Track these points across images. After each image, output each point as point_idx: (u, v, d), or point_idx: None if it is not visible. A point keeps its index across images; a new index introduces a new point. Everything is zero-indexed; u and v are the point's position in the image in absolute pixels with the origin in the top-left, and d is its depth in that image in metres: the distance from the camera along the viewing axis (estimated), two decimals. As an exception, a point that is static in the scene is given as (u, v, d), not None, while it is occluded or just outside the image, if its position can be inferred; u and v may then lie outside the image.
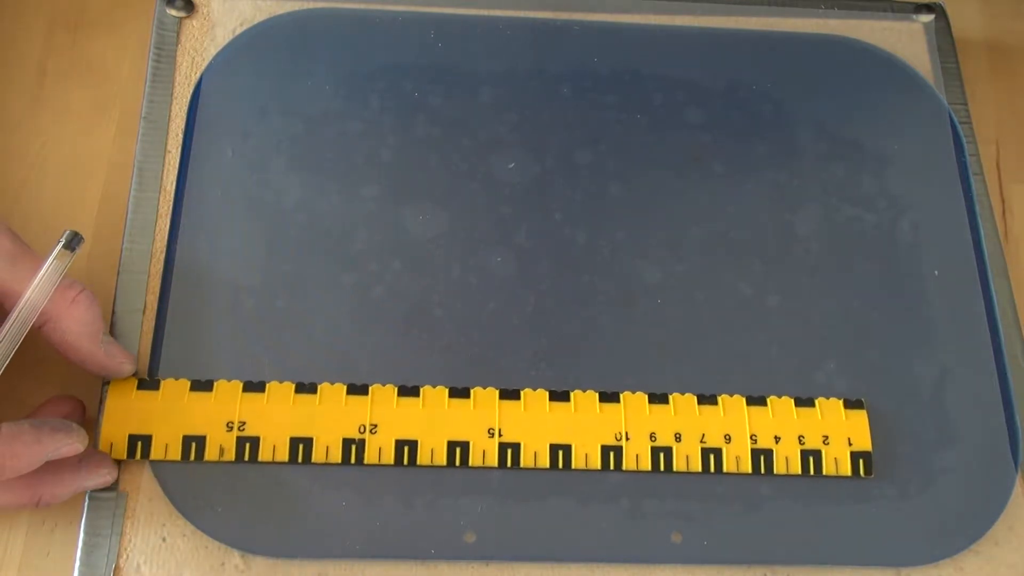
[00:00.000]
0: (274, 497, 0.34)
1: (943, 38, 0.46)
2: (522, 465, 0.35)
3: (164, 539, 0.34)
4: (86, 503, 0.34)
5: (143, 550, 0.34)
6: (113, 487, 0.34)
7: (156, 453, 0.34)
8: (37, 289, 0.33)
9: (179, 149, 0.40)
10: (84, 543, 0.34)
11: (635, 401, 0.36)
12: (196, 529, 0.34)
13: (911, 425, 0.37)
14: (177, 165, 0.40)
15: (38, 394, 0.36)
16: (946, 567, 0.36)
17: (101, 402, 0.35)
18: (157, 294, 0.37)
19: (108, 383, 0.35)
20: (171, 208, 0.39)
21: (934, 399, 0.38)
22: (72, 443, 0.32)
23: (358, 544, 0.34)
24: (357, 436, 0.35)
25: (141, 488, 0.34)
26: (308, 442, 0.35)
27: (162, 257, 0.38)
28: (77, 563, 0.33)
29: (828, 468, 0.36)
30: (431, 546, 0.34)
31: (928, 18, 0.46)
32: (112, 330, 0.37)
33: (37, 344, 0.35)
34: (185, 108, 0.41)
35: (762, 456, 0.36)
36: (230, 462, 0.35)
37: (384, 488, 0.35)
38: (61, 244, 0.34)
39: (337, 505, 0.35)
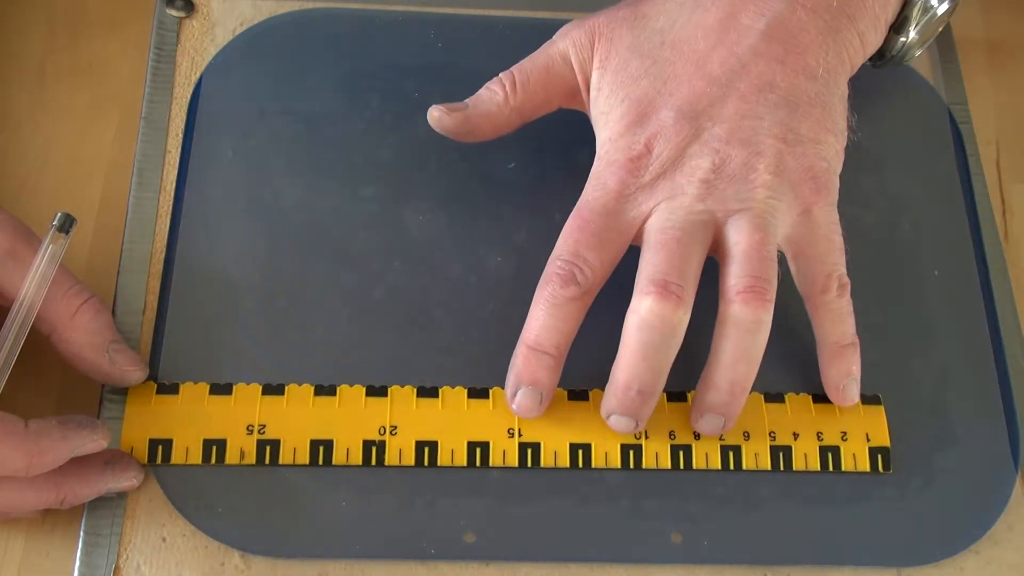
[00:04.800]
0: (274, 497, 0.34)
1: (943, 38, 0.46)
2: (542, 465, 0.35)
3: (164, 539, 0.34)
4: (86, 503, 0.34)
5: (143, 550, 0.34)
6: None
7: (177, 457, 0.34)
8: (35, 278, 0.33)
9: (179, 149, 0.40)
10: (84, 543, 0.34)
11: None
12: (196, 529, 0.34)
13: (911, 425, 0.37)
14: (177, 165, 0.40)
15: (39, 403, 0.36)
16: (946, 567, 0.36)
17: (100, 408, 0.35)
18: (157, 294, 0.37)
19: (109, 388, 0.35)
20: (171, 208, 0.39)
21: (934, 399, 0.38)
22: (97, 439, 0.32)
23: (358, 544, 0.34)
24: (377, 438, 0.35)
25: (141, 488, 0.34)
26: (328, 444, 0.35)
27: (162, 257, 0.38)
28: (77, 563, 0.33)
29: (847, 464, 0.36)
30: (431, 546, 0.34)
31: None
32: (112, 330, 0.37)
33: (37, 352, 0.35)
34: (185, 108, 0.41)
35: (781, 453, 0.36)
36: (251, 465, 0.35)
37: (384, 488, 0.35)
38: (54, 227, 0.33)
39: (337, 505, 0.35)
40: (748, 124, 0.35)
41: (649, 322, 0.32)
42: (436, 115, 0.37)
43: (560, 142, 0.40)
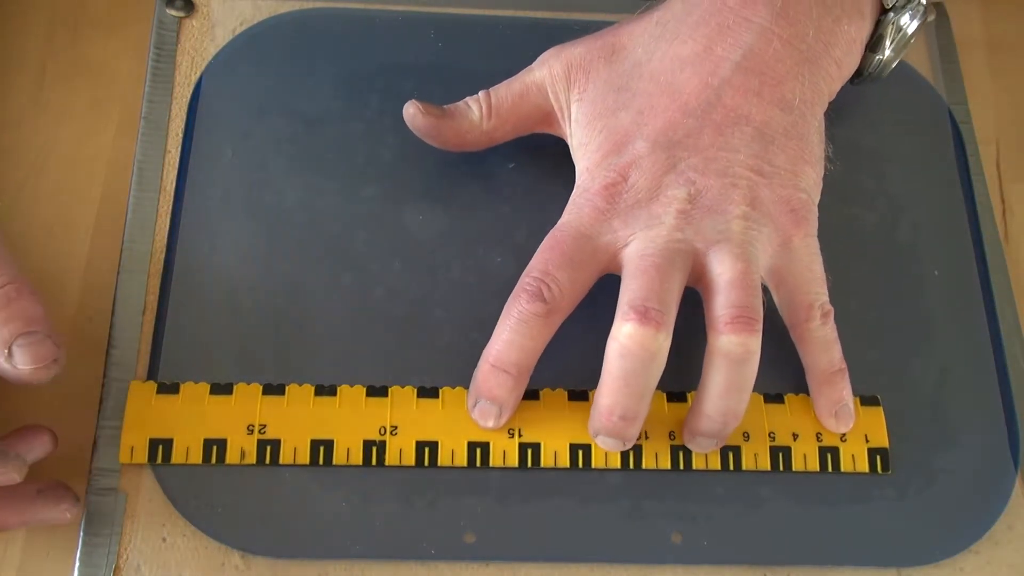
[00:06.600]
0: (274, 497, 0.34)
1: (943, 38, 0.46)
2: (542, 465, 0.35)
3: (164, 539, 0.34)
4: (86, 503, 0.34)
5: (143, 550, 0.34)
6: (113, 487, 0.34)
7: (177, 457, 0.34)
8: None
9: (179, 149, 0.40)
10: (84, 543, 0.34)
11: (654, 399, 0.36)
12: (196, 529, 0.34)
13: (911, 425, 0.37)
14: (177, 165, 0.40)
15: (38, 404, 0.36)
16: (946, 567, 0.36)
17: (100, 407, 0.35)
18: (157, 294, 0.37)
19: (108, 388, 0.35)
20: (171, 208, 0.39)
21: (934, 399, 0.38)
22: (7, 472, 0.30)
23: (358, 544, 0.34)
24: (378, 438, 0.35)
25: (141, 488, 0.34)
26: (329, 444, 0.35)
27: (162, 257, 0.38)
28: (77, 563, 0.33)
29: (846, 465, 0.36)
30: (431, 546, 0.34)
31: (929, 16, 0.46)
32: (112, 330, 0.37)
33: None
34: (185, 108, 0.41)
35: (780, 453, 0.36)
36: (251, 465, 0.35)
37: (384, 488, 0.35)
38: None
39: (337, 505, 0.35)
40: (724, 156, 0.35)
41: (629, 348, 0.32)
42: (411, 111, 0.37)
43: (560, 142, 0.40)
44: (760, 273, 0.35)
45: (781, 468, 0.36)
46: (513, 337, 0.34)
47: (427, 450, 0.35)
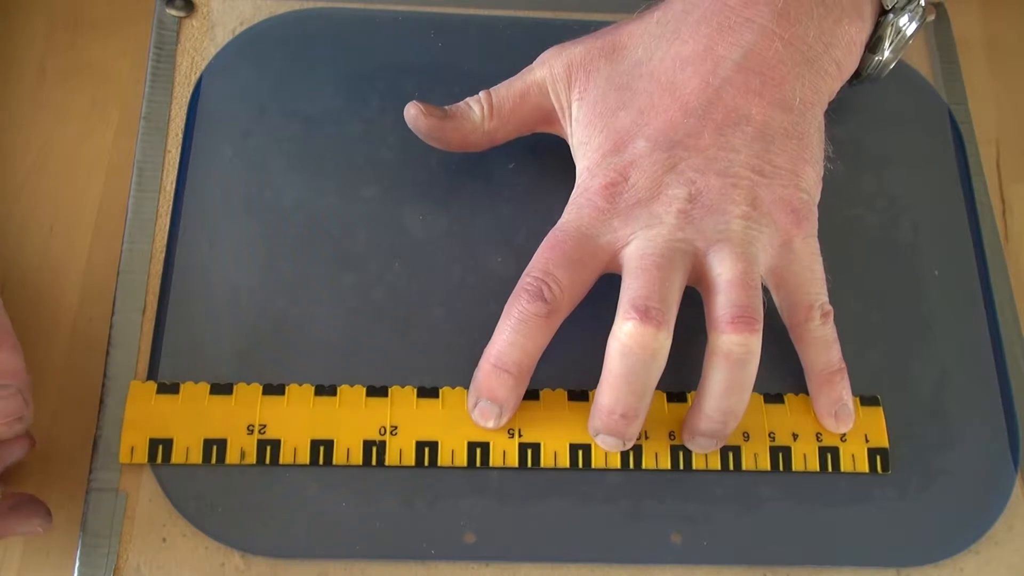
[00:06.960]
0: (274, 497, 0.34)
1: (943, 37, 0.46)
2: (542, 465, 0.35)
3: (164, 539, 0.34)
4: (86, 503, 0.34)
5: (143, 550, 0.34)
6: (113, 487, 0.34)
7: (177, 457, 0.34)
8: None
9: (179, 149, 0.40)
10: (84, 543, 0.34)
11: (654, 399, 0.36)
12: (196, 529, 0.34)
13: (911, 425, 0.37)
14: (177, 165, 0.40)
15: (37, 405, 0.35)
16: (946, 567, 0.36)
17: (100, 408, 0.35)
18: (157, 294, 0.37)
19: (108, 388, 0.35)
20: (171, 208, 0.39)
21: (934, 399, 0.38)
22: None
23: (358, 544, 0.34)
24: (378, 438, 0.35)
25: (141, 488, 0.34)
26: (329, 444, 0.35)
27: (162, 257, 0.38)
28: (77, 563, 0.33)
29: (846, 465, 0.36)
30: (431, 546, 0.34)
31: (928, 17, 0.46)
32: (112, 330, 0.37)
33: (35, 354, 0.34)
34: (185, 108, 0.41)
35: (780, 453, 0.36)
36: (251, 465, 0.35)
37: (384, 488, 0.35)
38: None
39: (337, 505, 0.35)
40: (724, 156, 0.35)
41: (630, 347, 0.32)
42: (412, 113, 0.37)
43: (560, 141, 0.40)
44: (760, 273, 0.35)
45: (781, 468, 0.36)
46: (514, 337, 0.34)
47: (427, 450, 0.35)
